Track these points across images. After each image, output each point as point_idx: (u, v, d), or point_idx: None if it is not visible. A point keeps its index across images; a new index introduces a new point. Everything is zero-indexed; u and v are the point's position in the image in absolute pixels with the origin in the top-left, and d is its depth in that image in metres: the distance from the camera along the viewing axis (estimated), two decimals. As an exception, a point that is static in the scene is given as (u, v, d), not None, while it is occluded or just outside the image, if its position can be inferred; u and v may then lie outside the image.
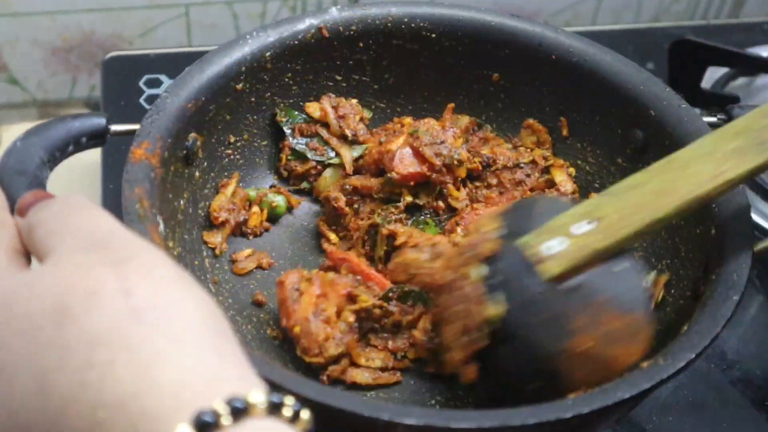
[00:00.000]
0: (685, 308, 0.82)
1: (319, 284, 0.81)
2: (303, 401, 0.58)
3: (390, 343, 0.85)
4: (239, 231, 0.92)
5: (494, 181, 0.99)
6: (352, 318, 0.82)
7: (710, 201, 0.75)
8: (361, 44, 0.96)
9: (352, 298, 0.83)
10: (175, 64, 0.91)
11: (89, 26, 1.36)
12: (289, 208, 0.97)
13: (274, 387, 0.61)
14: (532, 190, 0.99)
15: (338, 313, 0.81)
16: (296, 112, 0.97)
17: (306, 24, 0.92)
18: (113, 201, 1.04)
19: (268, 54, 0.90)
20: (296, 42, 0.92)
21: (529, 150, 1.02)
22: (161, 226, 0.75)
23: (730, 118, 0.92)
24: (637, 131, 0.95)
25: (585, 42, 0.98)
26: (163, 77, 1.22)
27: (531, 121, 1.03)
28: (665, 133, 0.91)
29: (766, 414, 0.96)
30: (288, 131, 0.95)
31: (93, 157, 1.18)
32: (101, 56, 1.31)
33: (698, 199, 0.73)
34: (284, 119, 0.96)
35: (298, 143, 0.95)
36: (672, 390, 0.97)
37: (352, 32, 0.94)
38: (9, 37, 1.35)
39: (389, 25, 0.96)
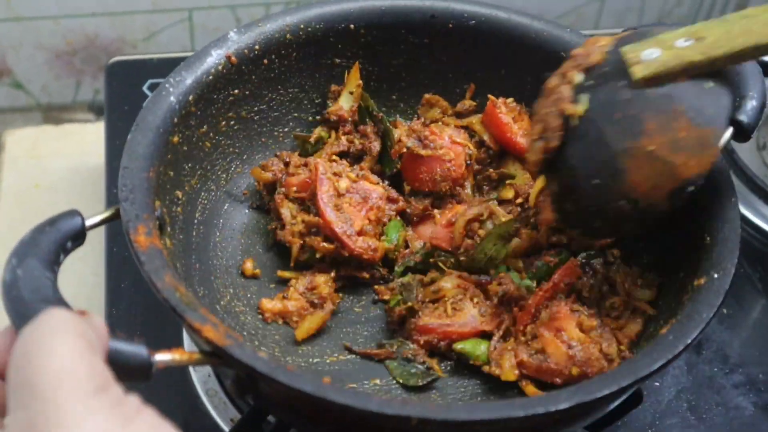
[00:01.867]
0: (676, 219, 0.85)
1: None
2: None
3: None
4: None
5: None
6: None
7: None
8: (266, 61, 0.97)
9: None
10: (179, 68, 0.91)
11: (93, 30, 1.37)
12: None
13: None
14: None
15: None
16: None
17: (214, 56, 0.92)
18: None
19: (191, 97, 0.89)
20: (211, 77, 0.91)
21: (440, 123, 1.02)
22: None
23: None
24: (549, 75, 0.98)
25: (478, 4, 1.00)
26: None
27: (427, 96, 1.04)
28: None
29: (770, 417, 0.96)
30: None
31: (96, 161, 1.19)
32: (105, 60, 1.31)
33: None
34: None
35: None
36: (675, 394, 0.97)
37: (256, 52, 0.95)
38: (13, 41, 1.35)
39: (288, 35, 0.96)
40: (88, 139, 1.29)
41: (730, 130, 0.86)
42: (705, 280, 0.77)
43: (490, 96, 1.01)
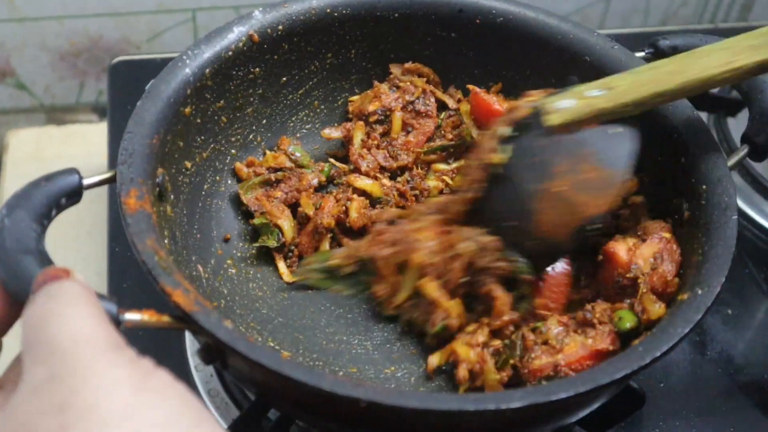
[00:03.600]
0: (678, 234, 0.85)
1: None
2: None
3: None
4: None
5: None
6: None
7: (715, 85, 0.80)
8: (289, 42, 0.96)
9: None
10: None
11: (97, 31, 1.37)
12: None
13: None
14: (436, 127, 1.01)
15: None
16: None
17: (236, 33, 0.92)
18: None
19: (207, 71, 0.89)
20: (230, 53, 0.91)
21: (408, 83, 1.01)
22: None
23: (657, 51, 0.94)
24: (573, 78, 0.97)
25: (506, 2, 0.99)
26: (169, 82, 1.23)
27: (408, 65, 1.02)
28: (604, 74, 0.94)
29: (775, 419, 0.96)
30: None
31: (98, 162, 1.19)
32: (109, 61, 1.31)
33: (704, 80, 0.79)
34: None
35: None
36: (678, 395, 0.97)
37: (279, 32, 0.94)
38: (17, 42, 1.36)
39: (313, 18, 0.96)
40: (91, 140, 1.29)
41: (745, 149, 0.86)
42: (688, 295, 0.75)
43: (469, 86, 1.01)
